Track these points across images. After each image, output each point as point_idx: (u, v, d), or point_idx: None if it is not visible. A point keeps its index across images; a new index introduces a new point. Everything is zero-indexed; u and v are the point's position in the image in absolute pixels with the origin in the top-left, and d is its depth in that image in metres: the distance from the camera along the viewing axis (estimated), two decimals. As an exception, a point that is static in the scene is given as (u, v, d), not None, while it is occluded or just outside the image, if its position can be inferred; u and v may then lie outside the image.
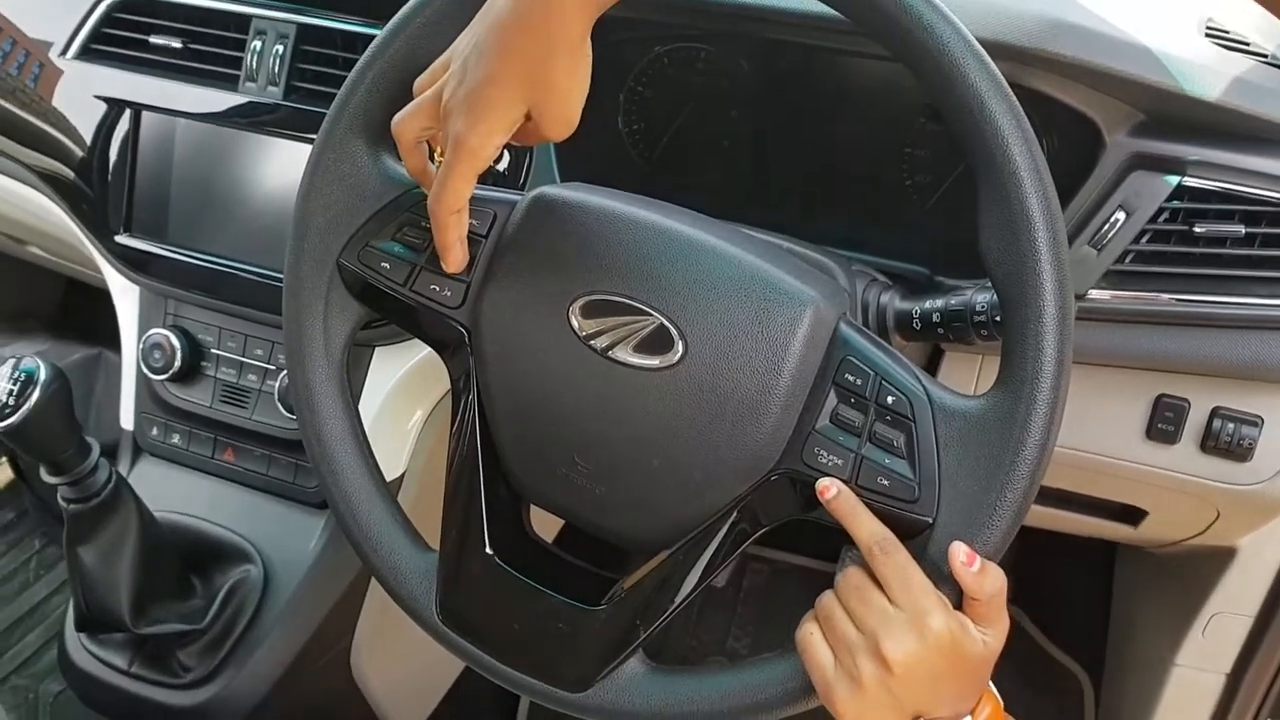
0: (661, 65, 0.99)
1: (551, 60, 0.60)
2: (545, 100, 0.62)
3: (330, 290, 0.73)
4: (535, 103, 0.62)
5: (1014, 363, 0.60)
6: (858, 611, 0.60)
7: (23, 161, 1.15)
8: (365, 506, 0.73)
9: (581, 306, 0.66)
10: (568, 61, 0.61)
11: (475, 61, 0.61)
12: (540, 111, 0.62)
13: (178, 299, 1.09)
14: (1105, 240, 0.83)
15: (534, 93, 0.61)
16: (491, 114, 0.61)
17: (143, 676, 1.01)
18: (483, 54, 0.61)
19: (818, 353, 0.64)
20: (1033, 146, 0.59)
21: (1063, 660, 1.49)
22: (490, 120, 0.62)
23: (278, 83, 1.01)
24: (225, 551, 1.05)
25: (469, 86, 0.61)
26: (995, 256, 0.60)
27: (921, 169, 0.95)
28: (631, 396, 0.65)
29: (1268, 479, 0.90)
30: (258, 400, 1.06)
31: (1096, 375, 0.90)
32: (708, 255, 0.66)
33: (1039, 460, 0.60)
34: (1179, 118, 0.81)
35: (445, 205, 0.65)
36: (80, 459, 0.91)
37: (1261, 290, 0.83)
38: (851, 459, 0.63)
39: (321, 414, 0.73)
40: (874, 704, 0.59)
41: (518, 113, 0.62)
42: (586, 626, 0.68)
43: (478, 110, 0.61)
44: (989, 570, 0.59)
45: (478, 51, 0.61)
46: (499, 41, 0.61)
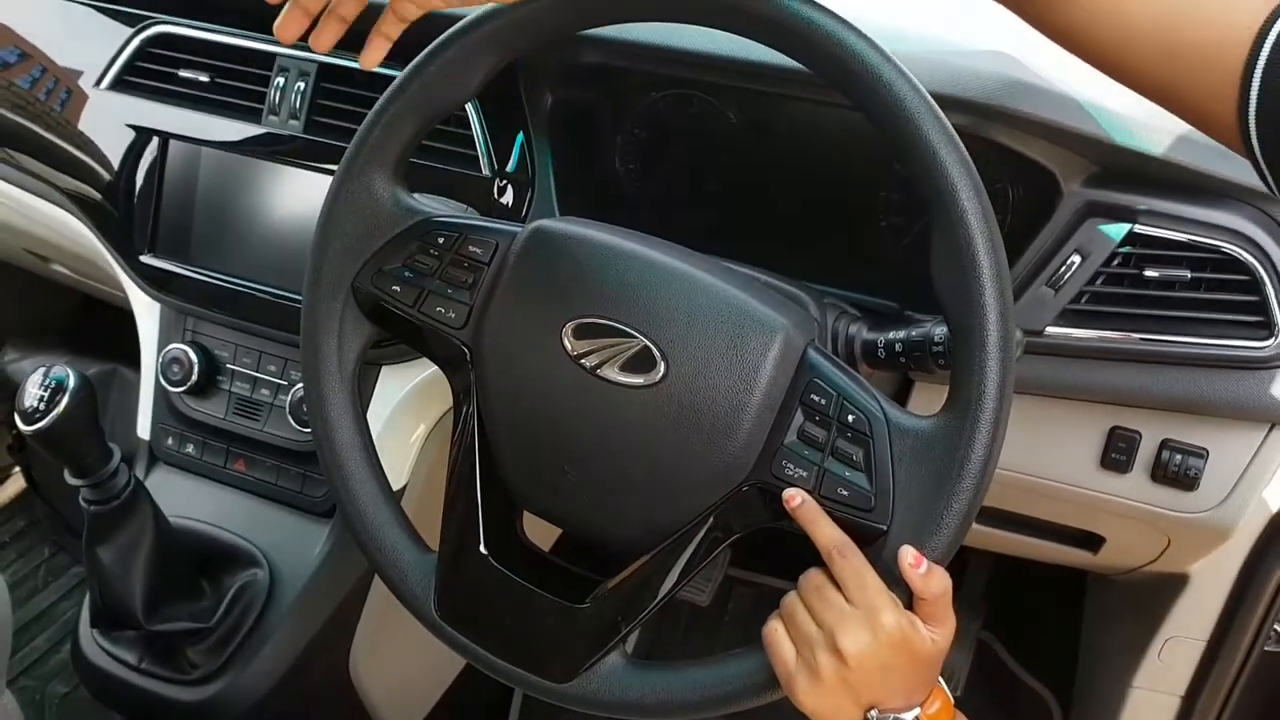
0: (656, 110, 1.06)
1: None
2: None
3: (345, 310, 0.79)
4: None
5: (961, 386, 0.66)
6: (817, 609, 0.66)
7: (54, 184, 1.22)
8: (372, 510, 0.79)
9: (573, 329, 0.73)
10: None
11: None
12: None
13: (196, 316, 1.15)
14: (1062, 281, 0.90)
15: None
16: None
17: (152, 672, 1.07)
18: None
19: (786, 375, 0.70)
20: (979, 193, 0.66)
21: (1034, 686, 1.54)
22: None
23: (299, 116, 1.07)
24: (234, 555, 1.10)
25: None
26: (945, 291, 0.67)
27: (894, 211, 1.01)
28: (617, 411, 0.72)
29: (1212, 507, 0.96)
30: (269, 413, 1.12)
31: (1055, 407, 0.97)
32: (689, 284, 0.72)
33: (982, 475, 0.66)
34: (1129, 170, 0.88)
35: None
36: (103, 463, 0.97)
37: (1207, 331, 0.90)
38: (815, 471, 0.69)
39: (334, 424, 0.80)
40: (831, 694, 0.65)
41: None
42: (572, 622, 0.74)
43: None
44: (935, 572, 0.65)
45: None
46: None
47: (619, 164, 1.08)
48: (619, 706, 0.73)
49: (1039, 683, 1.54)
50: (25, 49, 1.23)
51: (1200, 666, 1.13)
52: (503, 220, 0.80)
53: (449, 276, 0.77)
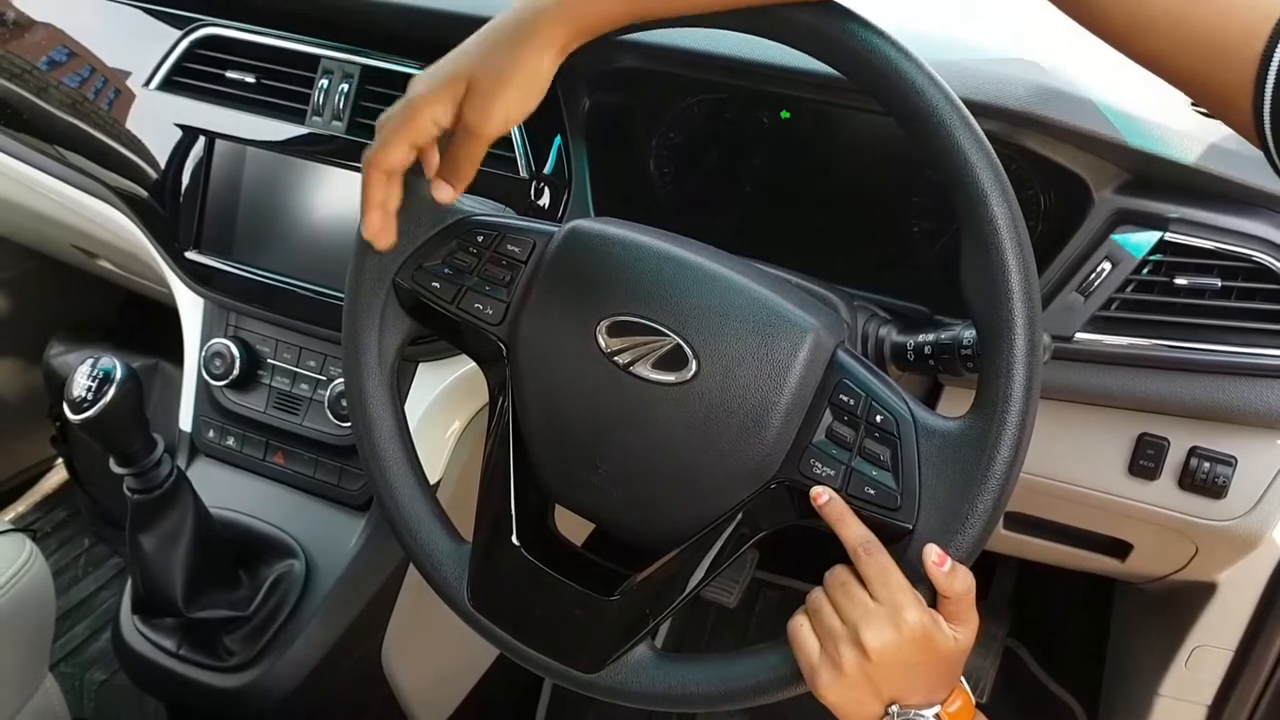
0: (691, 114, 1.08)
1: (510, 52, 0.68)
2: (481, 81, 0.69)
3: (386, 306, 0.82)
4: (474, 78, 0.69)
5: (988, 389, 0.67)
6: (842, 605, 0.67)
7: (102, 180, 1.25)
8: (408, 499, 0.81)
9: (608, 326, 0.74)
10: (524, 59, 0.69)
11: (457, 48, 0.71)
12: (472, 87, 0.69)
13: (239, 311, 1.18)
14: (1092, 288, 0.91)
15: (479, 68, 0.69)
16: (441, 83, 0.70)
17: (190, 659, 1.09)
18: (465, 42, 0.70)
19: (816, 375, 0.72)
20: (1009, 199, 0.67)
21: (1060, 694, 1.55)
22: (436, 88, 0.70)
23: (341, 117, 1.10)
24: (271, 546, 1.13)
25: (442, 60, 0.71)
26: (974, 295, 0.68)
27: (926, 217, 1.02)
28: (649, 408, 0.73)
29: (1240, 516, 0.96)
30: (309, 408, 1.15)
31: (1084, 413, 0.97)
32: (721, 285, 0.74)
33: (1007, 477, 0.67)
34: (1161, 178, 0.89)
35: (376, 162, 0.72)
36: (147, 453, 1.00)
37: (1236, 339, 0.90)
38: (842, 470, 0.70)
39: (373, 415, 0.82)
40: (853, 688, 0.66)
41: (460, 87, 0.69)
42: (601, 614, 0.76)
43: (433, 77, 0.70)
44: (959, 571, 0.66)
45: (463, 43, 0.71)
46: (482, 31, 0.70)
47: (654, 167, 1.10)
48: (645, 697, 0.75)
49: (1065, 691, 1.55)
50: (75, 49, 1.27)
51: (1228, 676, 1.13)
52: (540, 220, 0.82)
53: (487, 274, 0.79)
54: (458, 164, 0.73)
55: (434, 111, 0.71)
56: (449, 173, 0.74)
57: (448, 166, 0.73)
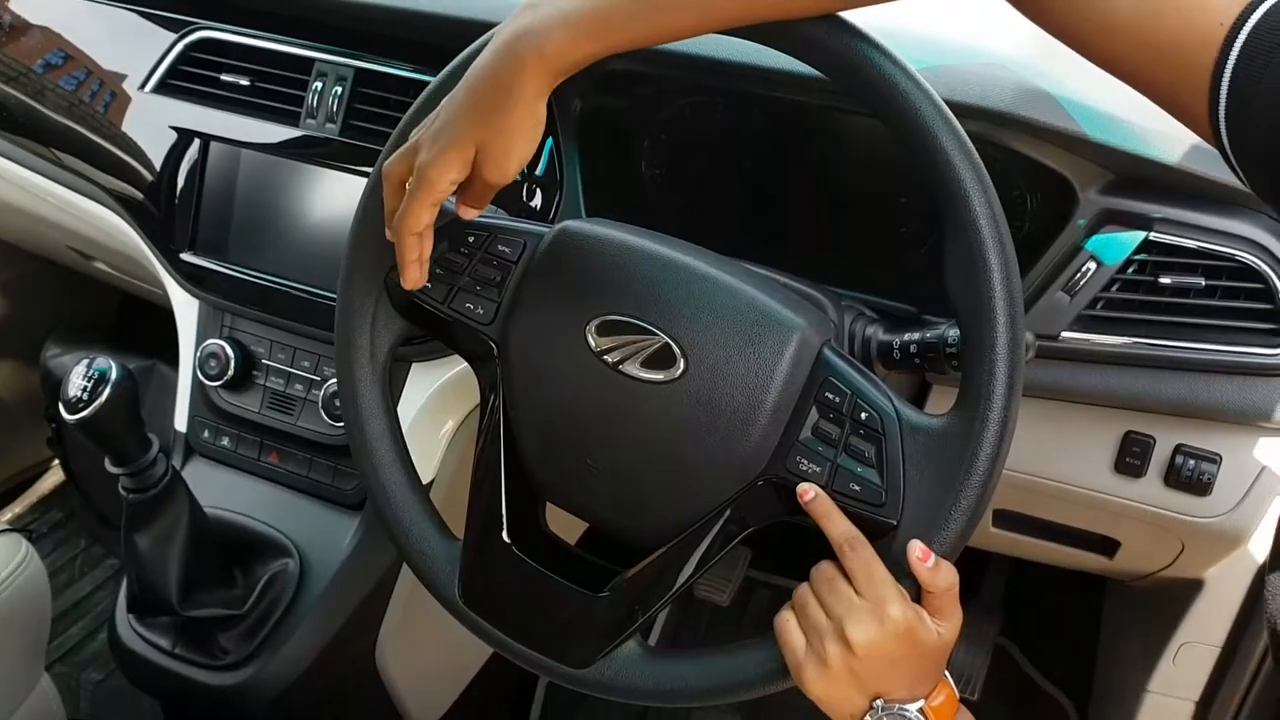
0: (682, 117, 1.08)
1: (508, 111, 0.70)
2: (491, 141, 0.70)
3: (378, 306, 0.82)
4: (483, 142, 0.71)
5: (971, 386, 0.68)
6: (827, 600, 0.68)
7: (98, 183, 1.26)
8: (400, 497, 0.82)
9: (597, 326, 0.75)
10: (522, 114, 0.70)
11: (447, 106, 0.72)
12: (484, 151, 0.71)
13: (234, 313, 1.19)
14: (1077, 287, 0.92)
15: (485, 133, 0.70)
16: (448, 149, 0.71)
17: (185, 657, 1.10)
18: (454, 100, 0.71)
19: (802, 373, 0.73)
20: (991, 198, 0.68)
21: (1051, 692, 1.55)
22: (447, 154, 0.71)
23: (335, 120, 1.11)
24: (266, 545, 1.14)
25: (437, 125, 0.72)
26: (957, 294, 0.69)
27: (914, 218, 1.03)
28: (637, 406, 0.74)
29: (1225, 512, 0.97)
30: (303, 408, 1.16)
31: (1070, 411, 0.98)
32: (709, 284, 0.75)
33: (990, 473, 0.68)
34: (1145, 178, 0.90)
35: (407, 227, 0.74)
36: (142, 452, 1.01)
37: (1220, 338, 0.91)
38: (828, 467, 0.71)
39: (365, 414, 0.83)
40: (838, 683, 0.67)
41: (470, 151, 0.71)
42: (590, 610, 0.77)
43: (438, 145, 0.71)
44: (942, 567, 0.67)
45: (452, 100, 0.72)
46: (468, 90, 0.71)
47: (645, 169, 1.11)
48: (634, 692, 0.75)
49: (1056, 689, 1.55)
50: (71, 52, 1.28)
51: (1214, 672, 1.14)
52: (530, 220, 0.83)
53: (478, 274, 0.80)
54: (479, 199, 0.76)
55: (449, 175, 0.72)
56: (471, 201, 0.76)
57: (469, 196, 0.75)
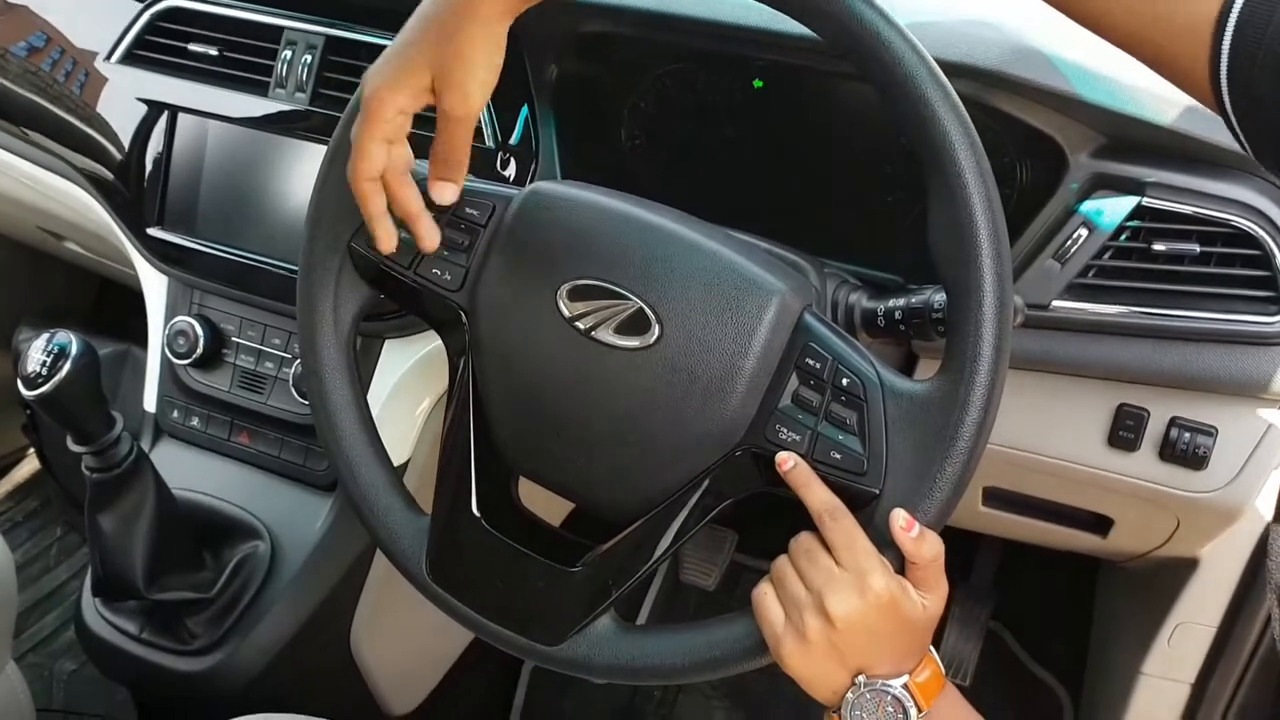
0: (663, 85, 1.05)
1: (464, 30, 0.65)
2: (449, 68, 0.66)
3: (341, 272, 0.79)
4: (439, 69, 0.66)
5: (956, 349, 0.65)
6: (807, 572, 0.65)
7: (64, 159, 1.22)
8: (365, 470, 0.79)
9: (568, 291, 0.72)
10: (479, 34, 0.66)
11: (398, 37, 0.68)
12: (441, 79, 0.67)
13: (203, 289, 1.16)
14: (1068, 255, 0.89)
15: (440, 58, 0.66)
16: (399, 75, 0.67)
17: (152, 642, 1.06)
18: (405, 28, 0.68)
19: (782, 338, 0.70)
20: (977, 151, 0.65)
21: (1044, 678, 1.53)
22: (393, 80, 0.67)
23: (305, 89, 1.08)
24: (236, 527, 1.11)
25: (385, 54, 0.68)
26: (941, 253, 0.66)
27: (900, 187, 1.00)
28: (611, 374, 0.71)
29: (1221, 487, 0.95)
30: (273, 386, 1.13)
31: (1061, 384, 0.96)
32: (686, 247, 0.72)
33: (976, 438, 0.65)
34: (1137, 141, 0.87)
35: (359, 172, 0.70)
36: (105, 430, 0.98)
37: (1215, 306, 0.88)
38: (808, 435, 0.68)
39: (328, 385, 0.79)
40: (819, 657, 0.64)
41: (423, 78, 0.67)
42: (563, 586, 0.74)
43: (387, 70, 0.67)
44: (927, 536, 0.64)
45: (403, 29, 0.68)
46: (420, 15, 0.67)
47: (624, 138, 1.08)
48: (608, 670, 0.73)
49: (1049, 673, 1.53)
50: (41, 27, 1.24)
51: (1210, 653, 1.11)
52: (499, 184, 0.79)
53: (445, 239, 0.77)
54: (450, 153, 0.71)
55: (396, 102, 0.68)
56: (444, 169, 0.72)
57: (440, 162, 0.71)
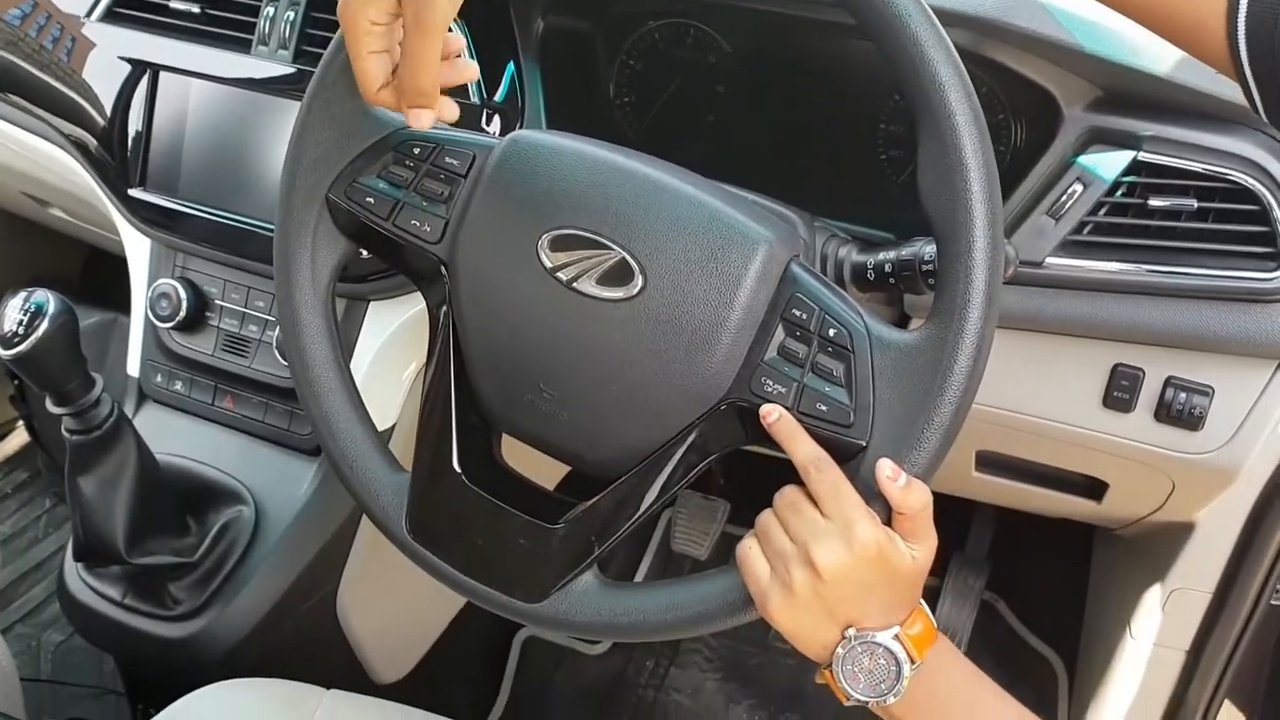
0: (652, 40, 1.04)
1: None
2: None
3: (319, 224, 0.77)
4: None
5: (945, 295, 0.64)
6: (791, 525, 0.64)
7: (47, 121, 1.20)
8: (344, 426, 0.77)
9: (550, 240, 0.70)
10: None
11: None
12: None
13: (186, 252, 1.14)
14: (1063, 210, 0.87)
15: None
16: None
17: (135, 608, 1.05)
18: None
19: (768, 289, 0.68)
20: (969, 93, 0.63)
21: (1039, 648, 1.52)
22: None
23: (288, 46, 1.06)
24: (220, 492, 1.09)
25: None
26: (931, 198, 0.64)
27: (894, 144, 0.99)
28: (593, 326, 0.70)
29: (1218, 448, 0.93)
30: (257, 350, 1.11)
31: (1055, 344, 0.94)
32: (670, 196, 0.70)
33: (965, 386, 0.63)
34: (1133, 93, 0.85)
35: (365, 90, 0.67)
36: (84, 391, 0.96)
37: (1213, 262, 0.87)
38: (794, 388, 0.67)
39: (306, 339, 0.78)
40: (806, 611, 0.63)
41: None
42: (544, 542, 0.72)
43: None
44: (914, 486, 0.63)
45: None
46: None
47: (614, 96, 1.06)
48: (589, 627, 0.71)
49: (1043, 643, 1.52)
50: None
51: (1206, 618, 1.10)
52: (480, 134, 0.78)
53: (424, 189, 0.75)
54: (417, 73, 0.66)
55: (367, 14, 0.65)
56: (415, 97, 0.68)
57: (410, 89, 0.67)
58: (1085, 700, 1.32)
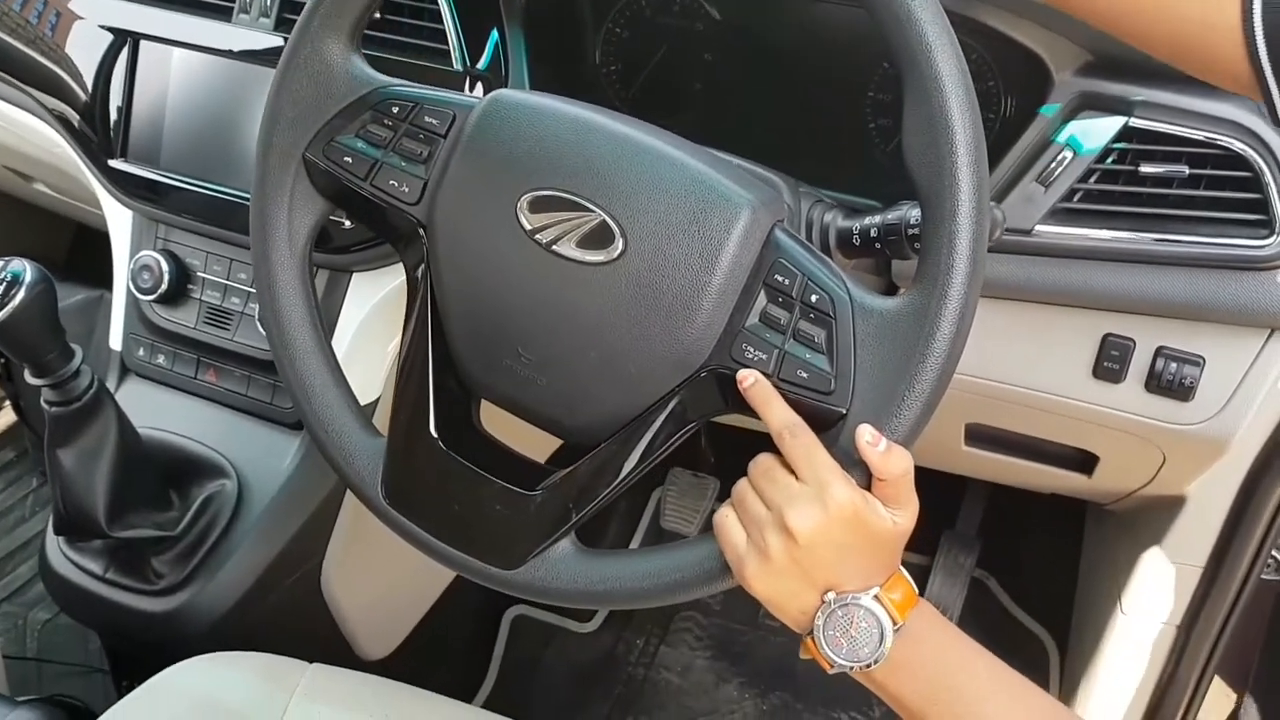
0: (639, 7, 1.02)
1: None
2: None
3: (295, 183, 0.76)
4: None
5: (929, 260, 0.63)
6: (766, 491, 0.63)
7: (27, 91, 1.19)
8: (320, 389, 0.76)
9: (529, 202, 0.69)
10: None
11: None
12: None
13: (168, 223, 1.12)
14: (1052, 178, 0.86)
15: None
16: None
17: (117, 582, 1.04)
18: None
19: (751, 254, 0.67)
20: (957, 53, 0.62)
21: (1030, 626, 1.51)
22: None
23: (270, 14, 1.04)
24: (202, 466, 1.08)
25: None
26: (916, 159, 0.63)
27: (883, 113, 0.97)
28: (573, 289, 0.68)
29: (1208, 418, 0.92)
30: (240, 322, 1.10)
31: (1045, 314, 0.93)
32: (652, 158, 0.69)
33: (948, 352, 0.62)
34: (1124, 58, 0.84)
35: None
36: (63, 362, 0.94)
37: (1205, 230, 0.86)
38: (775, 354, 0.65)
39: (281, 301, 0.76)
40: (782, 576, 0.62)
41: None
42: (521, 509, 0.71)
43: None
44: (895, 451, 0.62)
45: None
46: None
47: (600, 64, 1.04)
48: (565, 594, 0.70)
49: (1035, 621, 1.51)
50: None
51: (1197, 594, 1.09)
52: (460, 93, 0.76)
53: (403, 149, 0.74)
54: None
55: None
56: None
57: None
58: (1076, 677, 1.31)
